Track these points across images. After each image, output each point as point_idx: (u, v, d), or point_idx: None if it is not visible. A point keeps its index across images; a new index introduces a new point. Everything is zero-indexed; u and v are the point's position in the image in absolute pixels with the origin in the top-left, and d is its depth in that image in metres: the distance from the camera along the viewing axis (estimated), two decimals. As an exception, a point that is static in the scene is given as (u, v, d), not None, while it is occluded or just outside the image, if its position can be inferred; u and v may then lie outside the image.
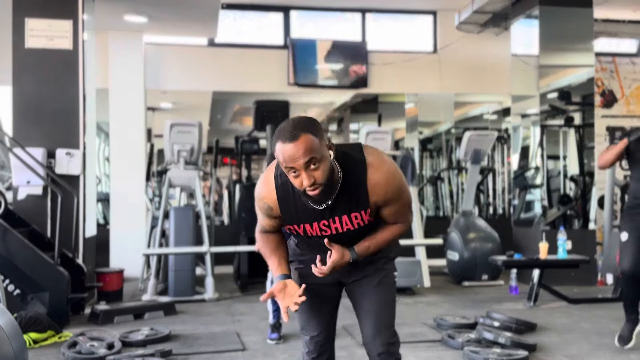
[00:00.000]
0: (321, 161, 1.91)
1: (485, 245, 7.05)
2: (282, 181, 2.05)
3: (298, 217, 2.08)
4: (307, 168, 1.90)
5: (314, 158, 1.89)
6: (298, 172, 1.91)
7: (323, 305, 2.29)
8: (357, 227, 2.09)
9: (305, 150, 1.88)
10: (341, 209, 2.06)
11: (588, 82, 7.43)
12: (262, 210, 2.14)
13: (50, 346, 4.37)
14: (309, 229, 2.10)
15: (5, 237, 4.90)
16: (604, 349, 4.21)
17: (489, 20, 8.28)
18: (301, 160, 1.88)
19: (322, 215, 2.06)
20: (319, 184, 1.92)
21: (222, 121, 11.96)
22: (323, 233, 2.10)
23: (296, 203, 2.05)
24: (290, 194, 2.04)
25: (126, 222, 7.83)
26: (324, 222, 2.08)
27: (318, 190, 1.93)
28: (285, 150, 1.89)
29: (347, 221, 2.07)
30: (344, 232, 2.10)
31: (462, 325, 4.75)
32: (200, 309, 5.80)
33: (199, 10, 7.21)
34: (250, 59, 8.85)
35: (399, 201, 2.09)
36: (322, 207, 2.04)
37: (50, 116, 5.91)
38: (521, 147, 8.00)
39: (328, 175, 1.94)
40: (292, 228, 2.13)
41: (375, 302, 2.22)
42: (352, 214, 2.06)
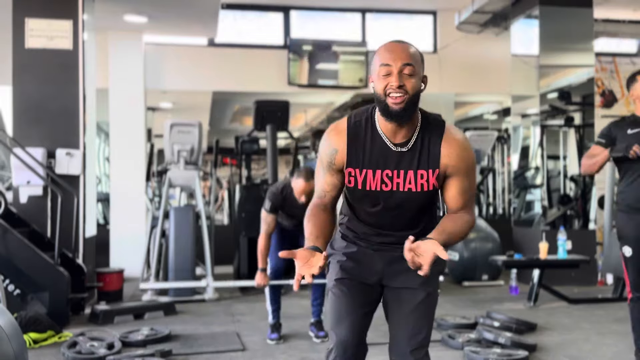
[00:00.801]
0: (416, 75, 1.88)
1: (486, 245, 7.05)
2: (356, 121, 1.99)
3: (364, 160, 1.95)
4: (401, 72, 1.86)
5: (412, 66, 1.87)
6: (391, 73, 1.86)
7: (359, 306, 2.09)
8: (420, 192, 1.94)
9: (408, 53, 1.89)
10: (409, 162, 1.94)
11: (588, 82, 7.43)
12: (326, 161, 2.00)
13: (50, 346, 4.37)
14: (370, 177, 1.95)
15: (5, 237, 4.90)
16: (604, 349, 4.21)
17: (489, 20, 8.28)
18: (400, 61, 1.86)
19: (389, 162, 1.94)
20: (406, 91, 1.86)
21: (222, 121, 11.97)
22: (383, 187, 1.95)
23: (366, 142, 1.95)
24: (362, 132, 1.96)
25: (126, 222, 7.83)
26: (387, 171, 1.94)
27: (403, 97, 1.85)
28: (388, 47, 1.90)
29: (411, 178, 1.94)
30: (405, 193, 1.95)
31: (462, 326, 4.75)
32: (200, 309, 5.80)
33: (199, 10, 7.21)
34: (250, 59, 8.85)
35: (468, 177, 1.97)
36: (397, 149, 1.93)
37: (50, 116, 5.91)
38: (521, 147, 8.00)
39: (416, 92, 1.88)
40: (353, 176, 1.97)
41: (417, 318, 2.04)
42: (418, 171, 1.93)
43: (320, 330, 4.49)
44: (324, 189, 2.06)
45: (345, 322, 2.06)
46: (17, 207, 5.70)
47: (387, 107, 1.87)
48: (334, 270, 2.13)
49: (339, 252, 2.15)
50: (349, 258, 2.12)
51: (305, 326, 4.76)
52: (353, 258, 2.11)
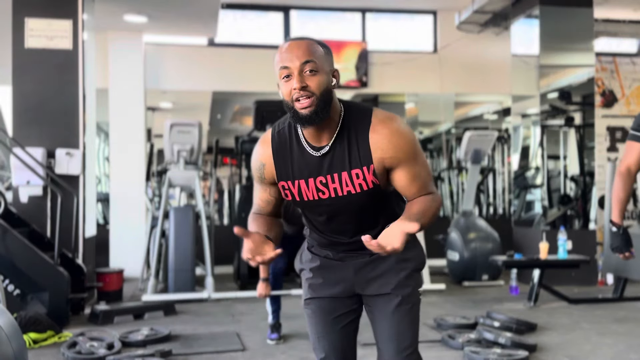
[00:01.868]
0: (320, 71, 1.70)
1: (486, 245, 7.04)
2: (280, 129, 1.84)
3: (293, 171, 1.80)
4: (302, 72, 1.68)
5: (312, 62, 1.69)
6: (291, 75, 1.69)
7: (336, 323, 1.96)
8: (360, 192, 1.78)
9: (306, 50, 1.69)
10: (340, 163, 1.77)
11: (588, 82, 7.43)
12: (256, 175, 1.89)
13: (50, 346, 4.37)
14: (304, 187, 1.80)
15: (5, 237, 4.90)
16: (604, 349, 4.20)
17: (489, 20, 8.28)
18: (298, 60, 1.68)
19: (319, 168, 1.78)
20: (311, 92, 1.68)
21: (222, 121, 11.96)
22: (321, 195, 1.80)
23: (292, 152, 1.80)
24: (286, 141, 1.81)
25: (126, 222, 7.82)
26: (320, 178, 1.78)
27: (310, 100, 1.67)
28: (284, 47, 1.72)
29: (347, 180, 1.77)
30: (346, 197, 1.79)
31: (463, 326, 4.74)
32: (200, 309, 5.79)
33: (199, 10, 7.21)
34: (250, 59, 8.84)
35: (415, 161, 1.77)
36: (319, 152, 1.77)
37: (50, 116, 5.91)
38: (521, 147, 8.00)
39: (324, 90, 1.69)
40: (287, 189, 1.83)
41: (396, 325, 1.91)
42: (352, 171, 1.76)
43: None
44: (259, 205, 1.94)
45: (323, 341, 1.97)
46: (17, 207, 5.69)
47: (296, 114, 1.71)
48: (304, 289, 2.02)
49: (306, 267, 2.02)
50: (315, 273, 1.99)
51: (305, 326, 4.75)
52: (320, 272, 1.98)
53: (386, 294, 1.92)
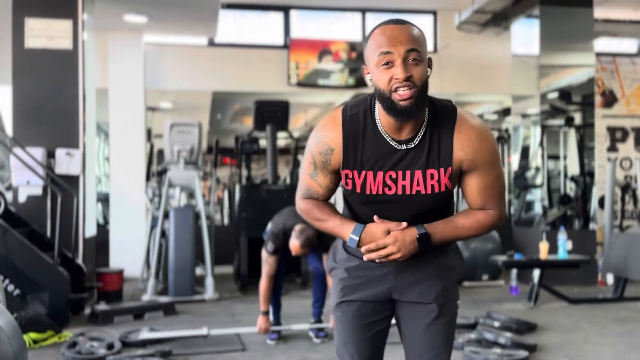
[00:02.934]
0: (423, 61, 1.57)
1: (486, 245, 7.04)
2: (352, 113, 1.68)
3: (362, 160, 1.66)
4: (406, 60, 1.55)
5: (417, 51, 1.56)
6: (392, 63, 1.55)
7: (368, 330, 1.81)
8: (430, 194, 1.66)
9: (412, 36, 1.56)
10: (416, 160, 1.64)
11: (588, 82, 7.43)
12: (319, 160, 1.70)
13: (50, 346, 4.36)
14: (370, 180, 1.66)
15: (5, 237, 4.89)
16: (604, 349, 4.20)
17: (489, 20, 8.28)
18: (403, 46, 1.54)
19: (393, 162, 1.65)
20: (414, 83, 1.55)
21: (222, 121, 11.97)
22: (386, 191, 1.66)
23: (365, 139, 1.66)
24: (359, 127, 1.66)
25: (126, 222, 7.82)
26: (391, 173, 1.65)
27: (412, 91, 1.54)
28: (387, 30, 1.57)
29: (420, 179, 1.64)
30: (410, 196, 1.66)
31: (463, 326, 4.73)
32: (200, 309, 5.79)
33: (199, 10, 7.21)
34: (250, 59, 8.84)
35: (491, 170, 1.67)
36: (401, 146, 1.64)
37: (50, 116, 5.90)
38: (521, 147, 8.00)
39: (425, 82, 1.58)
40: (350, 179, 1.69)
41: (432, 338, 1.77)
42: (427, 170, 1.64)
43: (320, 331, 4.48)
44: (316, 191, 1.78)
45: (350, 348, 1.82)
46: (16, 207, 5.69)
47: (394, 105, 1.57)
48: (335, 290, 1.87)
49: (340, 266, 1.87)
50: (351, 273, 1.84)
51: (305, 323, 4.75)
52: (357, 272, 1.82)
53: (424, 303, 1.78)
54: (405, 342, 1.84)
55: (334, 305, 1.87)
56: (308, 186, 1.79)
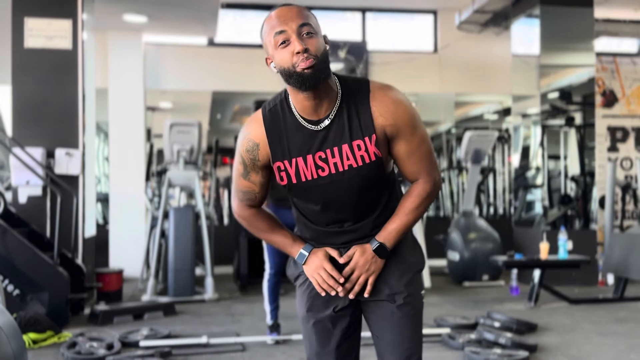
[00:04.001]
0: (317, 34, 1.63)
1: (486, 246, 7.04)
2: (271, 107, 1.74)
3: (289, 149, 1.70)
4: (300, 34, 1.60)
5: (308, 25, 1.62)
6: (288, 40, 1.61)
7: (335, 335, 1.82)
8: (362, 165, 1.68)
9: (300, 13, 1.63)
10: (340, 135, 1.68)
11: (589, 81, 7.42)
12: (248, 158, 1.74)
13: (49, 346, 4.36)
14: (302, 166, 1.69)
15: (4, 237, 4.89)
16: (605, 349, 4.19)
17: (489, 19, 8.28)
18: (294, 23, 1.61)
19: (318, 143, 1.68)
20: (312, 54, 1.59)
21: (222, 121, 11.96)
22: (320, 172, 1.69)
23: (287, 128, 1.70)
24: (279, 118, 1.71)
25: (126, 222, 7.81)
26: (319, 154, 1.68)
27: (312, 60, 1.58)
28: (276, 13, 1.65)
29: (348, 153, 1.67)
30: (344, 172, 1.69)
31: (463, 326, 4.74)
32: (200, 309, 5.79)
33: (198, 10, 7.20)
34: (250, 59, 8.83)
35: (415, 133, 1.70)
36: (318, 127, 1.68)
37: (49, 116, 5.90)
38: (522, 147, 7.99)
39: (323, 52, 1.62)
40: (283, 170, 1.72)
41: (399, 332, 1.78)
42: (353, 142, 1.67)
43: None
44: (252, 191, 1.79)
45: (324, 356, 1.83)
46: (16, 207, 5.69)
47: (299, 76, 1.60)
48: (300, 299, 1.87)
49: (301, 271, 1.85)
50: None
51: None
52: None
53: (389, 300, 1.79)
54: (376, 341, 1.84)
55: (304, 314, 1.85)
56: (243, 188, 1.80)
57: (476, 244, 7.04)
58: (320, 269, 1.74)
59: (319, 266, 1.75)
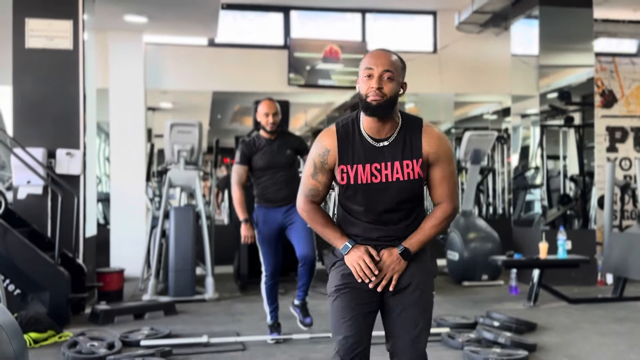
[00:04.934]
0: (394, 80, 2.11)
1: (485, 245, 7.05)
2: (343, 124, 2.20)
3: (353, 156, 2.15)
4: (382, 76, 2.08)
5: (392, 72, 2.10)
6: (372, 76, 2.09)
7: (360, 307, 2.16)
8: (407, 180, 2.13)
9: (389, 61, 2.11)
10: (395, 154, 2.14)
11: (588, 82, 7.44)
12: (318, 161, 2.19)
13: (50, 346, 4.38)
14: (360, 171, 2.14)
15: (5, 237, 4.90)
16: (604, 349, 4.21)
17: (489, 20, 8.29)
18: (382, 67, 2.09)
19: (376, 155, 2.14)
20: (384, 93, 2.08)
21: (222, 121, 11.96)
22: (373, 179, 2.14)
23: (354, 141, 2.16)
24: (350, 132, 2.17)
25: (126, 222, 7.83)
26: (375, 164, 2.13)
27: (381, 98, 2.07)
28: (374, 53, 2.14)
29: (398, 168, 2.13)
30: (392, 182, 2.13)
31: (462, 325, 4.75)
32: (200, 309, 5.80)
33: (199, 10, 7.22)
34: (250, 59, 8.85)
35: (448, 166, 2.17)
36: (380, 144, 2.14)
37: (50, 116, 5.92)
38: (521, 147, 8.00)
39: (393, 95, 2.10)
40: (345, 172, 2.15)
41: (410, 321, 2.15)
42: (404, 161, 2.13)
43: (306, 316, 4.38)
44: (317, 189, 2.23)
45: (347, 323, 2.13)
46: (17, 207, 5.70)
47: (367, 105, 2.09)
48: (334, 278, 2.22)
49: (340, 259, 2.22)
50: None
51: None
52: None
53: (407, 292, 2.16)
54: (392, 321, 2.18)
55: (334, 288, 2.21)
56: (310, 186, 2.23)
57: (475, 244, 7.06)
58: (360, 259, 2.13)
59: (360, 257, 2.13)
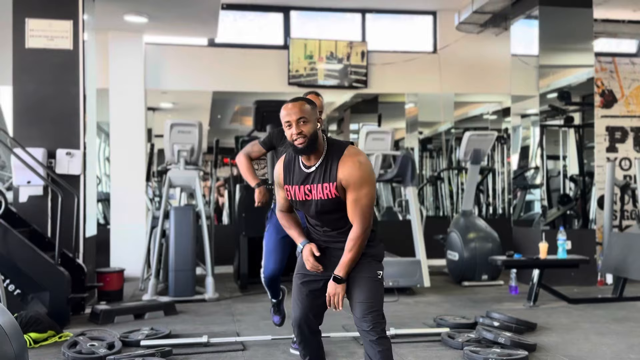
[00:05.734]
0: (309, 122, 2.60)
1: (485, 245, 7.06)
2: (289, 154, 2.76)
3: (292, 179, 2.71)
4: (298, 122, 2.59)
5: (304, 117, 2.60)
6: (292, 125, 2.59)
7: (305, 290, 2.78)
8: (327, 199, 2.63)
9: (300, 109, 2.61)
10: (318, 178, 2.64)
11: (588, 82, 7.44)
12: (276, 182, 2.79)
13: (50, 346, 4.38)
14: (296, 191, 2.69)
15: (5, 237, 4.91)
16: (604, 348, 4.21)
17: (488, 20, 8.29)
18: (294, 115, 2.59)
19: (306, 179, 2.67)
20: (304, 135, 2.58)
21: (222, 121, 11.96)
22: (306, 197, 2.68)
23: (294, 168, 2.71)
24: (291, 161, 2.73)
25: (126, 222, 7.83)
26: (307, 186, 2.66)
27: (303, 139, 2.58)
28: (286, 107, 2.64)
29: (320, 190, 2.64)
30: (319, 201, 2.65)
31: (462, 325, 4.75)
32: (200, 308, 5.81)
33: (199, 10, 7.22)
34: (250, 59, 8.85)
35: (359, 191, 2.60)
36: (308, 170, 2.65)
37: (50, 116, 5.92)
38: (521, 147, 8.01)
39: (312, 134, 2.59)
40: (288, 191, 2.72)
41: (365, 290, 2.65)
42: (324, 184, 2.63)
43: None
44: (282, 202, 2.85)
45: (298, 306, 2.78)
46: (17, 207, 5.70)
47: (295, 148, 2.63)
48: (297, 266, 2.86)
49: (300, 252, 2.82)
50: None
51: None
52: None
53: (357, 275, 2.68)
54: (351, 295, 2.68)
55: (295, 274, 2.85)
56: (278, 201, 2.88)
57: (475, 244, 7.06)
58: (309, 256, 2.72)
59: (309, 254, 2.73)
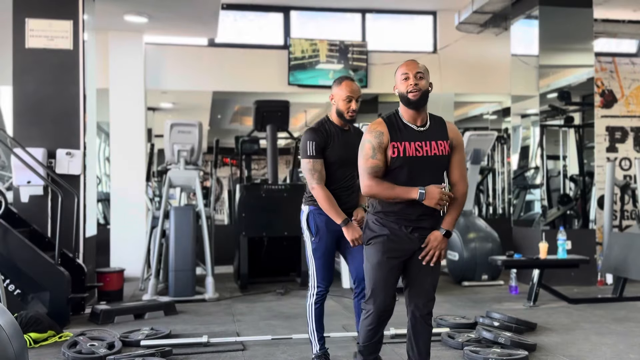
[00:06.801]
0: (424, 79, 2.90)
1: (485, 245, 7.06)
2: (387, 116, 2.95)
3: (402, 136, 2.88)
4: (416, 76, 2.88)
5: (422, 73, 2.90)
6: (409, 78, 2.87)
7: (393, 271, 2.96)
8: (441, 155, 2.90)
9: (418, 65, 2.93)
10: (431, 136, 2.92)
11: (588, 82, 7.44)
12: (376, 142, 2.87)
13: (50, 346, 4.38)
14: (407, 146, 2.87)
15: (5, 237, 4.91)
16: (604, 348, 4.21)
17: (488, 20, 8.29)
18: (414, 70, 2.89)
19: (419, 136, 2.90)
20: (419, 89, 2.86)
21: (222, 121, 11.98)
22: (417, 153, 2.87)
23: (399, 127, 2.91)
24: (394, 121, 2.93)
25: (126, 222, 7.83)
26: (418, 142, 2.88)
27: (418, 92, 2.86)
28: (408, 63, 2.94)
29: (434, 145, 2.90)
30: (431, 156, 2.88)
31: (462, 325, 4.75)
32: (200, 308, 5.80)
33: (199, 10, 7.22)
34: (250, 59, 8.86)
35: (462, 153, 3.00)
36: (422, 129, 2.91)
37: (50, 116, 5.92)
38: (521, 147, 8.01)
39: (425, 89, 2.89)
40: (396, 147, 2.85)
41: (432, 277, 3.00)
42: (439, 141, 2.92)
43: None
44: (377, 164, 2.88)
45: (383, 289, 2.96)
46: (17, 207, 5.70)
47: (408, 100, 2.88)
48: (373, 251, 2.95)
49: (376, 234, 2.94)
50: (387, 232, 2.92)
51: (305, 325, 4.75)
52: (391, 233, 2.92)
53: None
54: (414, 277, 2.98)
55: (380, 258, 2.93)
56: (372, 165, 2.89)
57: (475, 244, 7.06)
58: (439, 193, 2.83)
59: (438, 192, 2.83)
